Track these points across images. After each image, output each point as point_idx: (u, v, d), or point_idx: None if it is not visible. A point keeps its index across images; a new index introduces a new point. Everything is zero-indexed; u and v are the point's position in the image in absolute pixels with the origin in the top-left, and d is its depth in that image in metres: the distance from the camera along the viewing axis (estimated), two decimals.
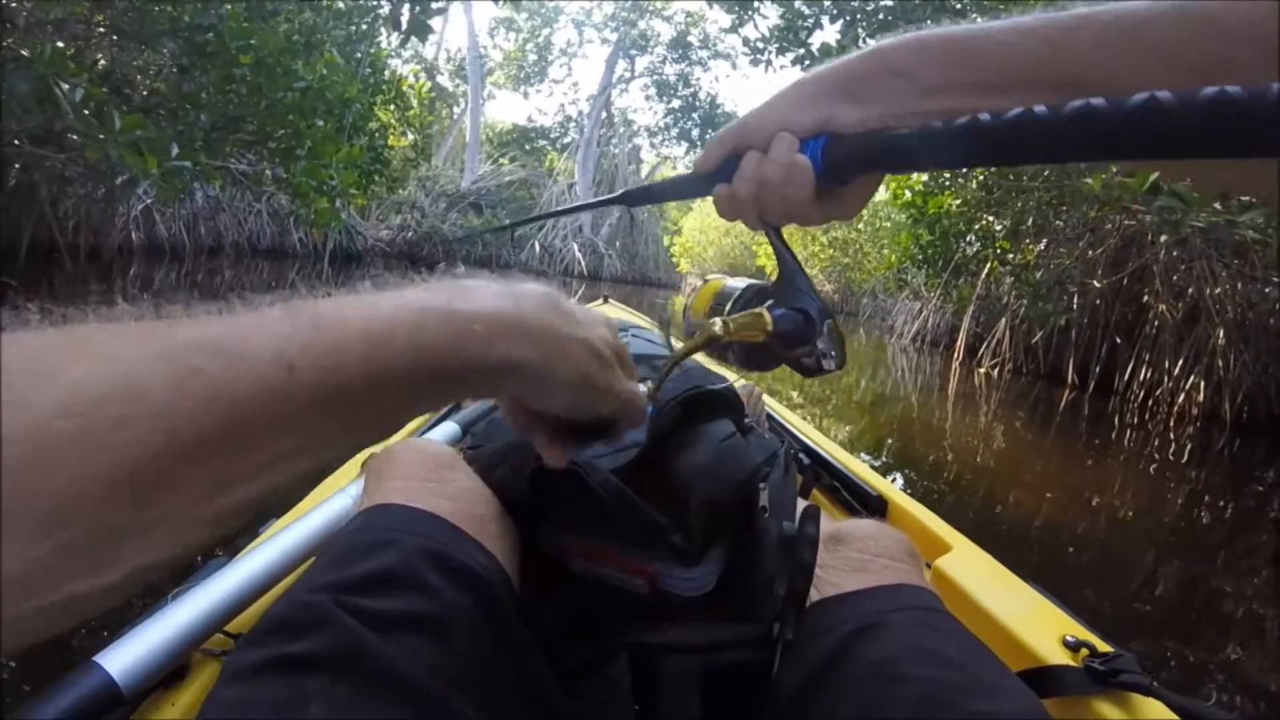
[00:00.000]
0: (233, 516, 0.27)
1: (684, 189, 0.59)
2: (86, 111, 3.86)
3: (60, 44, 4.64)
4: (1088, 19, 0.39)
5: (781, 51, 7.77)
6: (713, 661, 0.58)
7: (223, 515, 0.27)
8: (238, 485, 0.26)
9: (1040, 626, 0.75)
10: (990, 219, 7.54)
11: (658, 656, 0.58)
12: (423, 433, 1.09)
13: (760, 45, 7.90)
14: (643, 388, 0.48)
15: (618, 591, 0.64)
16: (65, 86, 3.80)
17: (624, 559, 0.63)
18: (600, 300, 3.12)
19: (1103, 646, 0.71)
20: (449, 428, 1.08)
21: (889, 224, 12.86)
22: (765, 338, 0.48)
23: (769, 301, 0.50)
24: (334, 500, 0.79)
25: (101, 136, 3.73)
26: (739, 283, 0.58)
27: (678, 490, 0.66)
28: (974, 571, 0.87)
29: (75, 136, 3.94)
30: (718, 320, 0.49)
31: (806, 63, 7.44)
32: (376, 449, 0.69)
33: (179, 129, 5.51)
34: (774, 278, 0.53)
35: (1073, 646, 0.71)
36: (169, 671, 0.60)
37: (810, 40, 7.62)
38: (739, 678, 0.57)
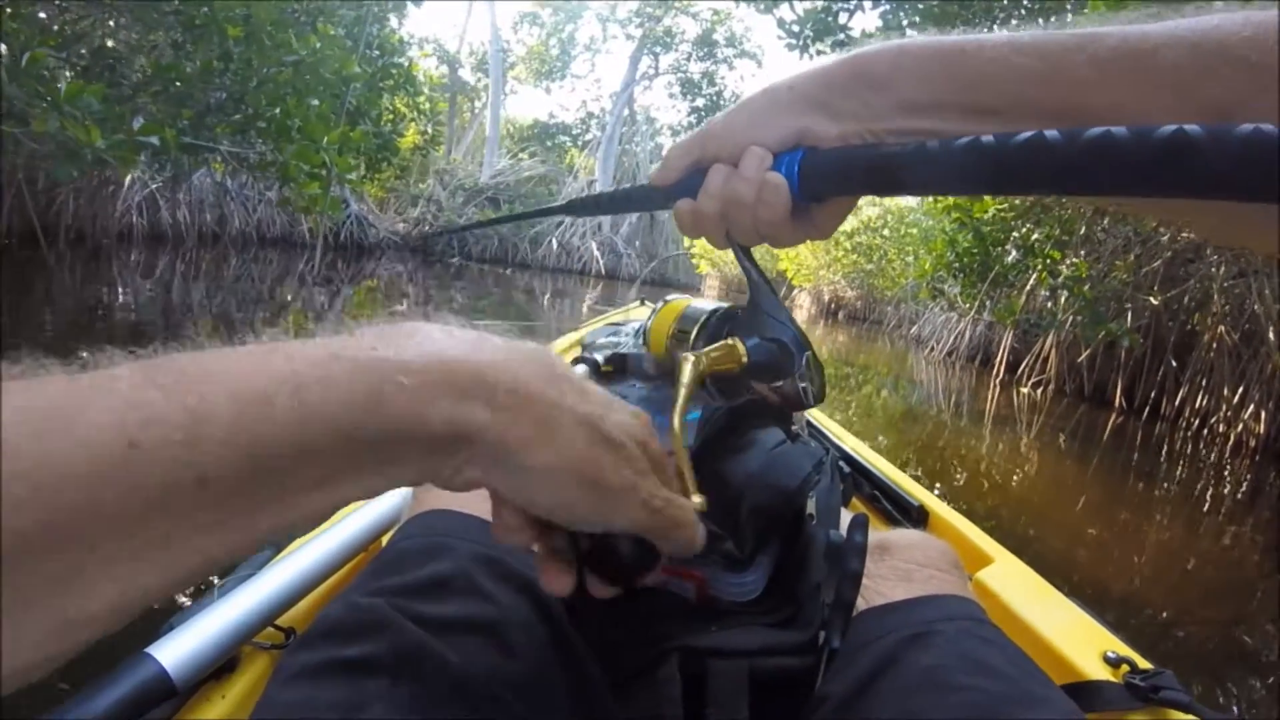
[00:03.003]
0: (82, 627, 0.22)
1: (638, 201, 0.53)
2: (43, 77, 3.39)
3: (43, 15, 4.32)
4: (1091, 40, 0.35)
5: (819, 37, 7.34)
6: (760, 667, 0.57)
7: (77, 622, 0.21)
8: (82, 590, 0.21)
9: (1081, 641, 0.75)
10: (1030, 227, 7.10)
11: (707, 660, 0.57)
12: None
13: (795, 29, 7.46)
14: (696, 500, 0.40)
15: (666, 596, 0.64)
16: (2, 49, 3.35)
17: (673, 563, 0.63)
18: (636, 303, 2.95)
19: (1143, 663, 0.71)
20: None
21: (915, 230, 12.73)
22: (739, 369, 0.44)
23: (742, 332, 0.46)
24: (382, 497, 0.80)
25: (45, 105, 3.30)
26: (704, 305, 0.55)
27: (728, 496, 0.66)
28: (1016, 584, 0.87)
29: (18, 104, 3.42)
30: (689, 356, 0.45)
31: (845, 50, 7.25)
32: None
33: (161, 105, 5.03)
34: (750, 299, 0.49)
35: (1114, 662, 0.72)
36: (220, 664, 0.60)
37: (850, 25, 7.24)
38: (785, 685, 0.57)
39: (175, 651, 0.56)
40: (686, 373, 0.44)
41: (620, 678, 0.58)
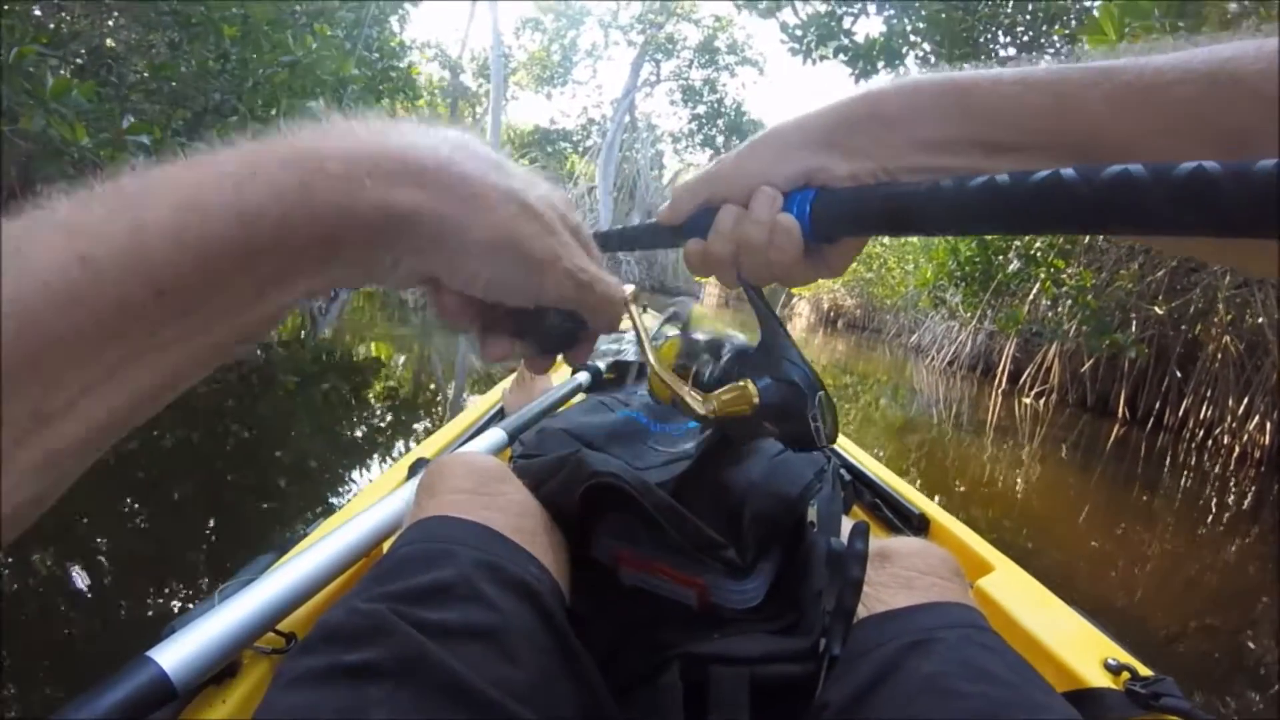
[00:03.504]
0: (70, 455, 0.23)
1: (646, 239, 0.53)
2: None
3: (38, 13, 4.25)
4: (1105, 75, 0.34)
5: (822, 41, 7.21)
6: (761, 674, 0.58)
7: (54, 454, 0.22)
8: (58, 417, 0.22)
9: (1082, 649, 0.76)
10: (1032, 235, 7.13)
11: (708, 666, 0.58)
12: (466, 440, 1.09)
13: (798, 34, 7.32)
14: (628, 288, 0.42)
15: (668, 602, 0.64)
16: None
17: (675, 570, 0.64)
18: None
19: (1144, 670, 0.71)
20: (496, 435, 1.06)
21: (915, 239, 12.72)
22: (751, 411, 0.44)
23: (752, 372, 0.45)
24: (383, 503, 0.80)
25: (32, 102, 3.22)
26: (701, 339, 0.55)
27: (730, 503, 0.66)
28: (1017, 592, 0.87)
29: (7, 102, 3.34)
30: (699, 401, 0.45)
31: (849, 54, 7.03)
32: (423, 452, 0.69)
33: (156, 105, 4.94)
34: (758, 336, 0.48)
35: (1114, 670, 0.72)
36: (221, 668, 0.60)
37: (854, 30, 7.10)
38: (786, 692, 0.57)
39: (176, 655, 0.56)
40: (695, 409, 0.44)
41: (622, 684, 0.58)
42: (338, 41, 6.69)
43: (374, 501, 0.81)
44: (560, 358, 0.42)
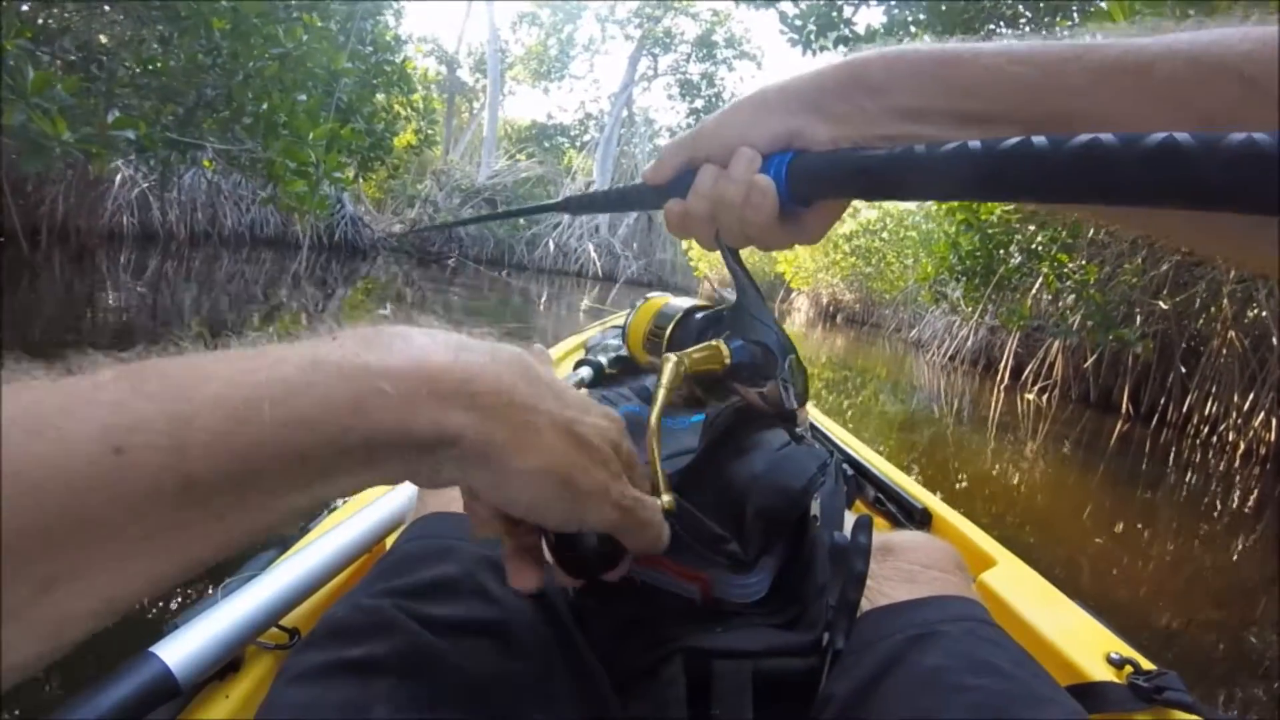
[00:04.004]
0: (91, 619, 0.23)
1: (632, 200, 0.53)
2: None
3: (25, 8, 4.12)
4: (1087, 50, 0.35)
5: (822, 32, 7.08)
6: (765, 668, 0.58)
7: (68, 619, 0.22)
8: (71, 590, 0.22)
9: (1085, 643, 0.76)
10: (1034, 229, 6.88)
11: (711, 661, 0.58)
12: None
13: (798, 24, 7.18)
14: (663, 499, 0.40)
15: (671, 596, 0.64)
16: None
17: (678, 565, 0.63)
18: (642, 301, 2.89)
19: (1146, 664, 0.72)
20: None
21: (914, 234, 12.73)
22: (722, 370, 0.44)
23: (726, 332, 0.45)
24: (386, 498, 0.80)
25: (13, 97, 3.14)
26: (681, 303, 0.55)
27: (733, 498, 0.66)
28: (1019, 586, 0.87)
29: None
30: (672, 356, 0.45)
31: (849, 45, 6.89)
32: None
33: (145, 100, 4.85)
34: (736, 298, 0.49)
35: (1117, 663, 0.72)
36: (224, 664, 0.60)
37: (854, 20, 6.98)
38: (790, 686, 0.57)
39: (179, 651, 0.56)
40: (668, 373, 0.44)
41: (625, 679, 0.58)
42: (329, 33, 6.53)
43: (377, 497, 0.81)
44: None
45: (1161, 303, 6.23)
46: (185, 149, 5.10)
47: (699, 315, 0.53)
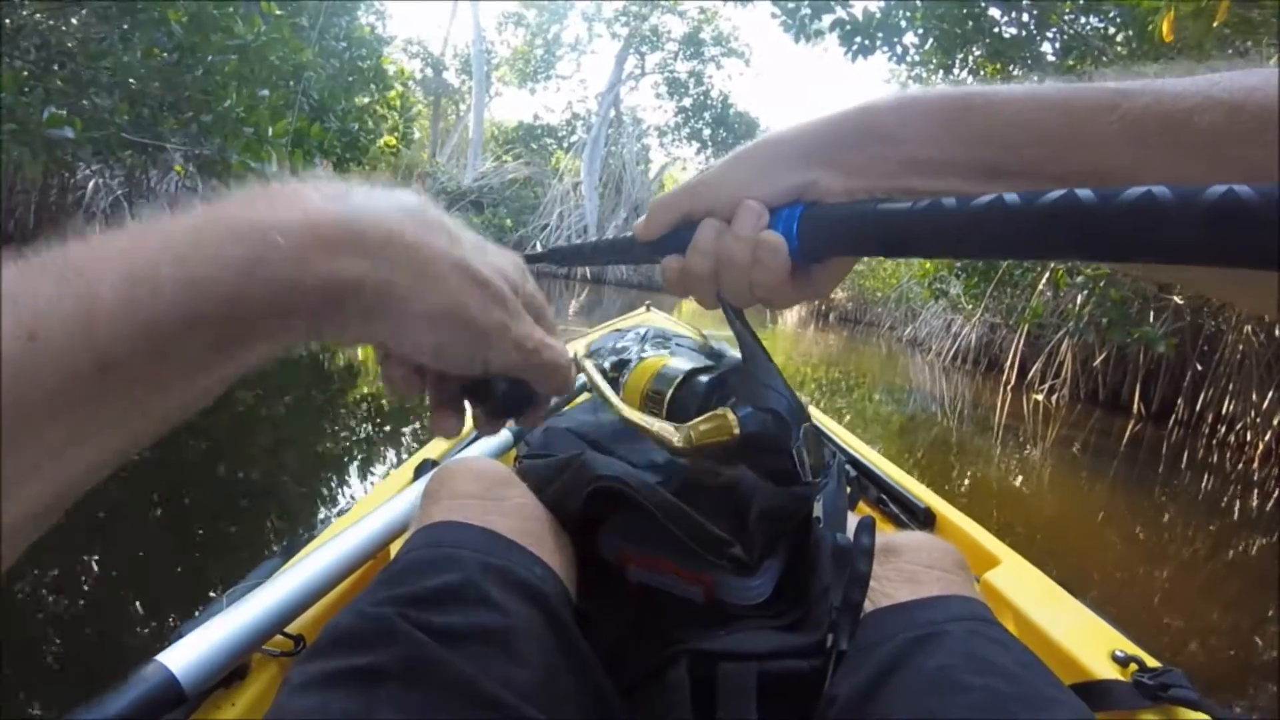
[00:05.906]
0: (28, 525, 0.23)
1: (621, 254, 0.49)
2: None
3: None
4: (1120, 97, 0.32)
5: (817, 14, 6.73)
6: (769, 669, 0.58)
7: (15, 523, 0.22)
8: (5, 494, 0.22)
9: (1089, 641, 0.76)
10: (1043, 262, 6.43)
11: (716, 663, 0.58)
12: (472, 440, 1.08)
13: (791, 7, 6.77)
14: (572, 347, 0.40)
15: (675, 599, 0.65)
16: None
17: (681, 568, 0.64)
18: (643, 308, 2.78)
19: (1151, 662, 0.71)
20: (502, 435, 1.05)
21: None
22: (731, 442, 0.41)
23: (732, 399, 0.42)
24: (390, 505, 0.80)
25: None
26: (680, 364, 0.53)
27: (736, 500, 0.66)
28: (1023, 585, 0.87)
29: None
30: (676, 432, 0.43)
31: (845, 31, 6.54)
32: (429, 453, 0.69)
33: (108, 100, 4.60)
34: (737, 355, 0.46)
35: (1122, 661, 0.72)
36: (230, 671, 0.60)
37: (850, 3, 6.61)
38: (794, 687, 0.58)
39: (185, 658, 0.56)
40: (671, 440, 0.43)
41: (630, 682, 0.58)
42: (291, 25, 6.19)
43: (380, 503, 0.81)
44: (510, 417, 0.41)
45: (1176, 298, 6.00)
46: (145, 150, 4.91)
47: (702, 378, 0.50)
